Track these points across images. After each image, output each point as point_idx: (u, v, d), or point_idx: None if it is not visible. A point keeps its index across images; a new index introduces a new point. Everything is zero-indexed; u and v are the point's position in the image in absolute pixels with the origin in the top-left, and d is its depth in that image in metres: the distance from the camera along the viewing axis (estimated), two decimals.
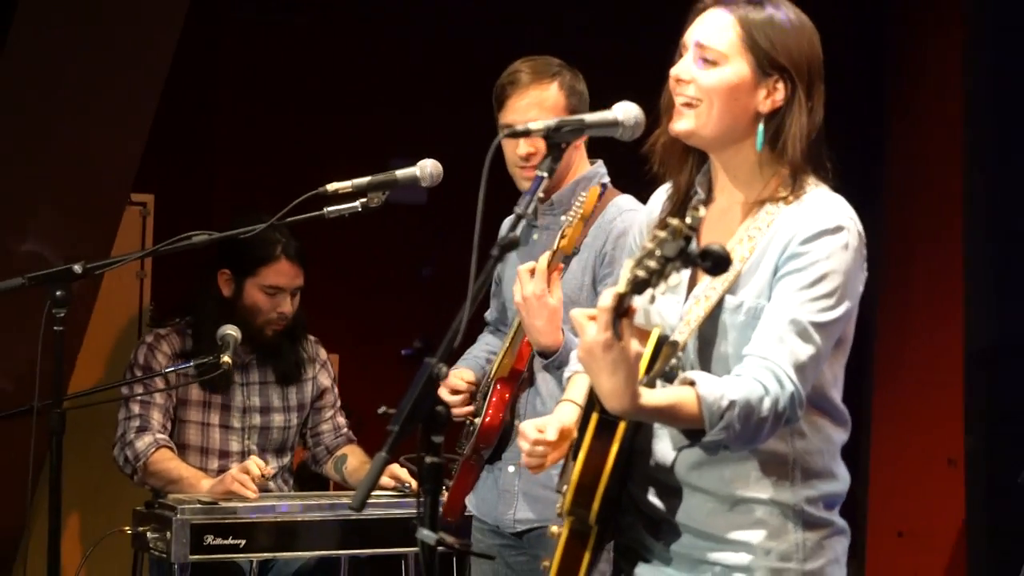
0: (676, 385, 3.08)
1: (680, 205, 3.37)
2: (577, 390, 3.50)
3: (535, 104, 4.51)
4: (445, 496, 4.64)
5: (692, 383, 3.03)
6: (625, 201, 4.57)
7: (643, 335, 3.14)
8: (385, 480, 5.22)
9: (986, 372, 6.75)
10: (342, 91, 6.29)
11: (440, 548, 2.94)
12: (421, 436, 2.96)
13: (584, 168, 4.60)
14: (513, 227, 3.28)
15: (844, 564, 3.35)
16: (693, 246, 2.82)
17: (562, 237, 4.39)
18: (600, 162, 4.66)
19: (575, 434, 3.33)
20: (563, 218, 4.39)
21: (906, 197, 7.17)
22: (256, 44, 6.30)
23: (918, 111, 7.19)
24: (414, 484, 5.08)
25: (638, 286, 2.86)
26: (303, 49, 6.39)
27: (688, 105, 3.25)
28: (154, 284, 5.96)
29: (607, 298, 2.89)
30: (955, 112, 6.88)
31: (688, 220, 2.84)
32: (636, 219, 4.06)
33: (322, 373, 5.63)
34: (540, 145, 4.38)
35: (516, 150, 4.45)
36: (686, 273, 3.11)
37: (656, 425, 3.29)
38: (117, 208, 5.33)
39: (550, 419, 3.42)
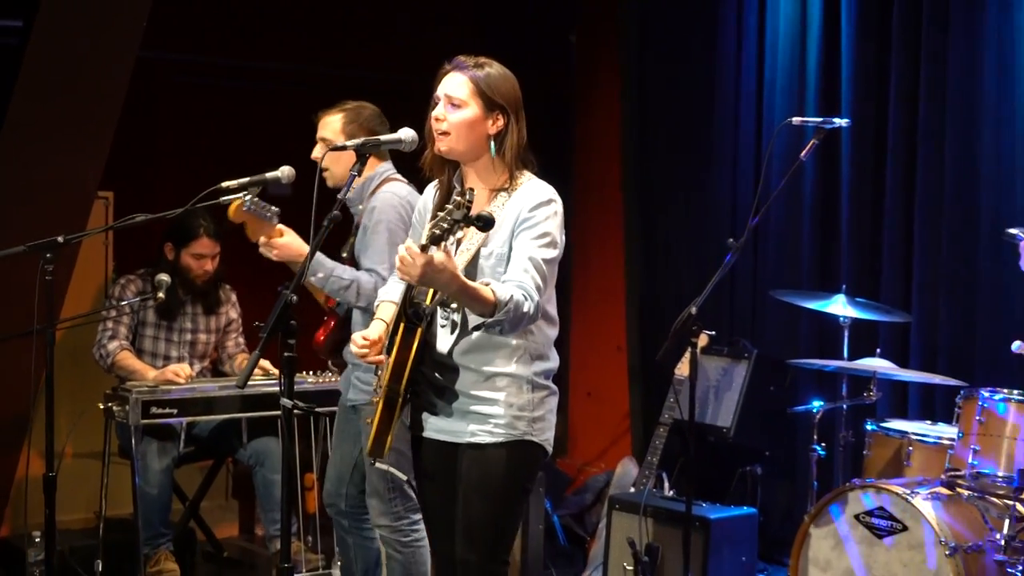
0: (480, 283, 3.22)
1: (446, 194, 3.48)
2: (383, 312, 3.55)
3: (324, 126, 4.49)
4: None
5: (488, 284, 3.22)
6: (388, 189, 4.43)
7: None
8: (264, 367, 5.39)
9: (638, 291, 6.86)
10: (248, 121, 6.27)
11: (296, 411, 3.17)
12: (280, 340, 3.17)
13: (371, 170, 4.43)
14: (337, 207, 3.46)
15: (555, 412, 3.51)
16: (471, 213, 3.02)
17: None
18: (387, 163, 4.48)
19: (386, 340, 3.41)
20: (360, 206, 4.42)
21: (586, 180, 7.24)
22: (188, 93, 6.28)
23: (593, 125, 7.27)
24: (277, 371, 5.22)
25: (435, 239, 3.03)
26: (222, 97, 6.32)
27: (445, 134, 3.38)
28: (115, 250, 5.98)
29: (414, 247, 3.05)
30: (615, 125, 6.98)
31: (467, 196, 3.03)
32: (392, 201, 4.31)
33: (232, 309, 5.74)
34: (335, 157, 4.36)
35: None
36: (464, 234, 3.32)
37: (438, 326, 3.41)
38: (88, 200, 5.22)
39: (368, 331, 3.46)
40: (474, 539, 3.41)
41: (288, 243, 4.25)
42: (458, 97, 3.37)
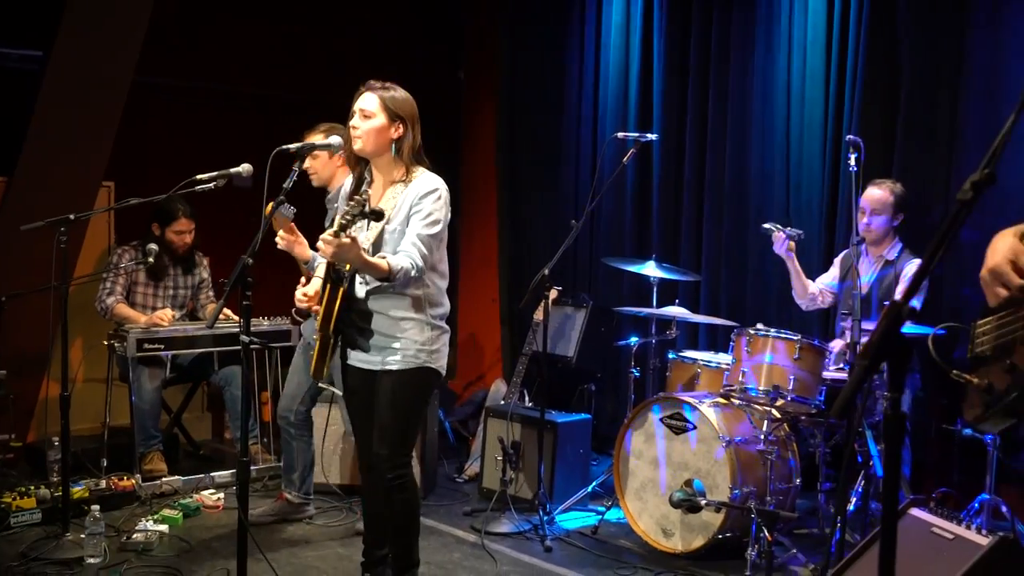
0: (377, 257, 3.20)
1: (358, 184, 3.41)
2: (320, 271, 3.49)
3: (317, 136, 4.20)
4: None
5: (384, 257, 3.19)
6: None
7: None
8: (226, 313, 5.27)
9: (508, 257, 6.79)
10: (215, 130, 6.07)
11: (252, 345, 3.07)
12: (240, 292, 3.07)
13: (343, 177, 4.18)
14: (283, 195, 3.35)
15: (447, 346, 3.43)
16: (367, 208, 2.97)
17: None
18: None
19: (321, 293, 3.34)
20: (335, 205, 3.98)
21: (471, 176, 7.10)
22: (171, 109, 6.08)
23: (477, 136, 7.14)
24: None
25: (343, 227, 3.00)
26: (196, 113, 6.12)
27: (359, 138, 3.31)
28: (115, 225, 5.78)
29: (328, 232, 3.02)
30: (492, 136, 6.89)
31: (363, 196, 2.99)
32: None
33: (204, 271, 5.55)
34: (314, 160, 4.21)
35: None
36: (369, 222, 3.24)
37: (357, 281, 3.33)
38: (95, 188, 5.09)
39: (308, 287, 3.42)
40: (385, 439, 3.37)
41: (294, 241, 3.92)
42: (369, 110, 3.30)
